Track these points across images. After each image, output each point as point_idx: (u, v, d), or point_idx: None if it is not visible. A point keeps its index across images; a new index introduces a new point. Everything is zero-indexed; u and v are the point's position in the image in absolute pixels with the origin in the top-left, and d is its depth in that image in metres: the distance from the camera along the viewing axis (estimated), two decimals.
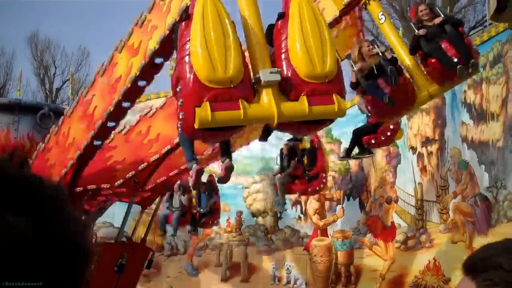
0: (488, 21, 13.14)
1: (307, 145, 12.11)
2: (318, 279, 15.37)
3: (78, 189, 6.19)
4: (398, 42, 7.82)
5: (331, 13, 7.09)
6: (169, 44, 5.02)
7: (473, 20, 27.00)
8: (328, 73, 4.65)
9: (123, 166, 7.23)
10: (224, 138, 5.10)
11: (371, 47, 7.43)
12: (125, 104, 5.76)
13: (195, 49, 4.35)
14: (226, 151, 5.35)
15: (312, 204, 15.47)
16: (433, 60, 7.24)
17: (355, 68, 7.48)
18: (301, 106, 4.51)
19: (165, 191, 8.29)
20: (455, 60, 6.95)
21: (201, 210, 11.98)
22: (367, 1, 7.56)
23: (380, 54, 7.43)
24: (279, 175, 11.72)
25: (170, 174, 7.67)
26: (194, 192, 11.84)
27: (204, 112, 4.23)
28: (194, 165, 5.23)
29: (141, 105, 15.75)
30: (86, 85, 6.51)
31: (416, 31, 7.57)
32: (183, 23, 4.57)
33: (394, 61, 7.42)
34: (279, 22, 4.90)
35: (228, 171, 5.31)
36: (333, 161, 15.45)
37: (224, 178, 5.42)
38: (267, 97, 4.48)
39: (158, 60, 5.39)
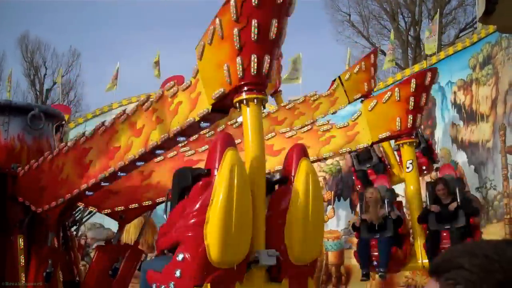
0: (478, 23, 13.22)
1: None
2: None
3: (67, 196, 6.15)
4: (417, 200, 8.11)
5: (364, 141, 7.39)
6: (171, 143, 5.15)
7: (463, 22, 27.21)
8: (314, 258, 4.76)
9: (115, 198, 7.18)
10: None
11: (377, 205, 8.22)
12: (121, 174, 5.73)
13: (213, 224, 4.05)
14: None
15: None
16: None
17: (361, 217, 8.43)
18: None
19: (122, 221, 8.15)
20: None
21: None
22: (401, 144, 7.75)
23: (387, 214, 8.16)
24: None
25: (129, 206, 7.46)
26: None
27: None
28: None
29: (131, 106, 15.71)
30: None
31: (429, 205, 7.97)
32: (201, 182, 4.25)
33: (398, 221, 8.14)
34: (281, 187, 4.69)
35: None
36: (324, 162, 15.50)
37: None
38: (257, 280, 4.41)
39: (158, 152, 5.38)
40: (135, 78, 42.55)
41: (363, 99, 8.55)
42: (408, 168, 7.97)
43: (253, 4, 4.17)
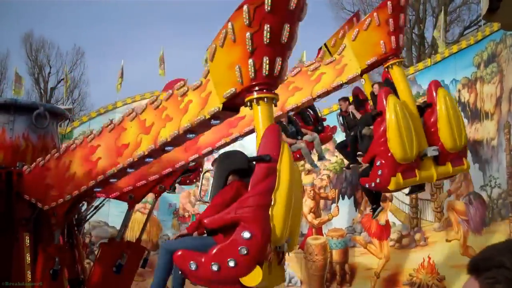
0: (483, 20, 13.19)
1: None
2: (313, 277, 15.41)
3: (75, 192, 6.16)
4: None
5: (353, 70, 7.43)
6: (181, 140, 5.30)
7: (468, 20, 27.13)
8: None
9: (121, 180, 7.23)
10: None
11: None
12: (129, 170, 5.82)
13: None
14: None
15: (307, 202, 15.49)
16: None
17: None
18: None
19: (160, 192, 8.21)
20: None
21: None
22: (390, 66, 7.52)
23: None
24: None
25: (137, 184, 7.53)
26: None
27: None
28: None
29: (135, 104, 15.75)
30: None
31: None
32: (377, 118, 6.75)
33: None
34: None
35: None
36: (328, 159, 15.49)
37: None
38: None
39: (168, 148, 5.47)
40: (140, 76, 42.55)
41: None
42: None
43: (266, 9, 4.30)
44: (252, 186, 4.47)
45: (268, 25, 4.34)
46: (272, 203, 4.46)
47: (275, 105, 4.75)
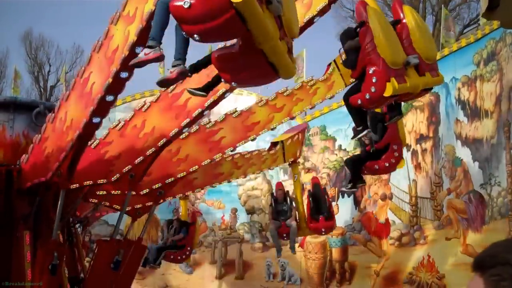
0: (482, 18, 13.18)
1: None
2: (313, 275, 15.43)
3: (74, 186, 6.15)
4: None
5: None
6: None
7: (467, 18, 27.14)
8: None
9: (119, 161, 7.22)
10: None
11: None
12: (123, 75, 5.76)
13: (380, 44, 6.27)
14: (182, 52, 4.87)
15: (306, 201, 15.51)
16: None
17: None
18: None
19: (159, 199, 8.27)
20: None
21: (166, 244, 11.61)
22: None
23: None
24: (272, 223, 11.56)
25: (166, 181, 7.81)
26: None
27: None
28: None
29: (135, 102, 15.76)
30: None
31: None
32: (361, 29, 6.38)
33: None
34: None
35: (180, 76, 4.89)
36: (328, 158, 15.51)
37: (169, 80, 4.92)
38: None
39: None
40: (139, 74, 42.44)
41: None
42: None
43: None
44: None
45: None
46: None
47: None
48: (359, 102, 6.75)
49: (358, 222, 14.77)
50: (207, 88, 5.52)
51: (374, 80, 6.42)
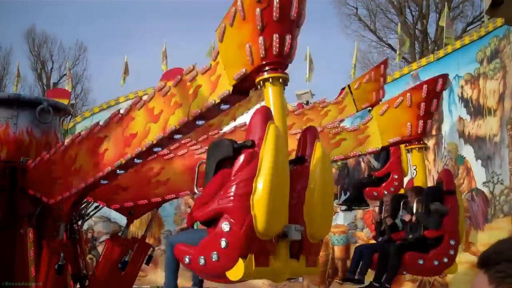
0: (486, 16, 13.16)
1: None
2: None
3: (81, 185, 6.12)
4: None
5: (374, 144, 7.50)
6: (190, 127, 5.20)
7: (471, 15, 27.09)
8: (324, 236, 5.10)
9: (125, 194, 7.19)
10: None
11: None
12: (137, 161, 5.74)
13: (261, 195, 4.12)
14: None
15: None
16: None
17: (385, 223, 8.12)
18: (300, 267, 4.66)
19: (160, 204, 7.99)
20: None
21: None
22: (411, 150, 7.67)
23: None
24: None
25: (138, 202, 7.41)
26: None
27: (249, 266, 4.18)
28: None
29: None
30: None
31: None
32: (246, 151, 4.25)
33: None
34: (298, 167, 4.69)
35: None
36: None
37: None
38: (283, 253, 4.48)
39: (177, 137, 5.42)
40: (142, 71, 42.54)
41: (371, 108, 8.56)
42: (413, 173, 8.02)
43: None
44: (233, 175, 4.23)
45: (278, 0, 4.28)
46: (252, 191, 4.12)
47: (286, 84, 4.61)
48: None
49: (361, 220, 14.76)
50: None
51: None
